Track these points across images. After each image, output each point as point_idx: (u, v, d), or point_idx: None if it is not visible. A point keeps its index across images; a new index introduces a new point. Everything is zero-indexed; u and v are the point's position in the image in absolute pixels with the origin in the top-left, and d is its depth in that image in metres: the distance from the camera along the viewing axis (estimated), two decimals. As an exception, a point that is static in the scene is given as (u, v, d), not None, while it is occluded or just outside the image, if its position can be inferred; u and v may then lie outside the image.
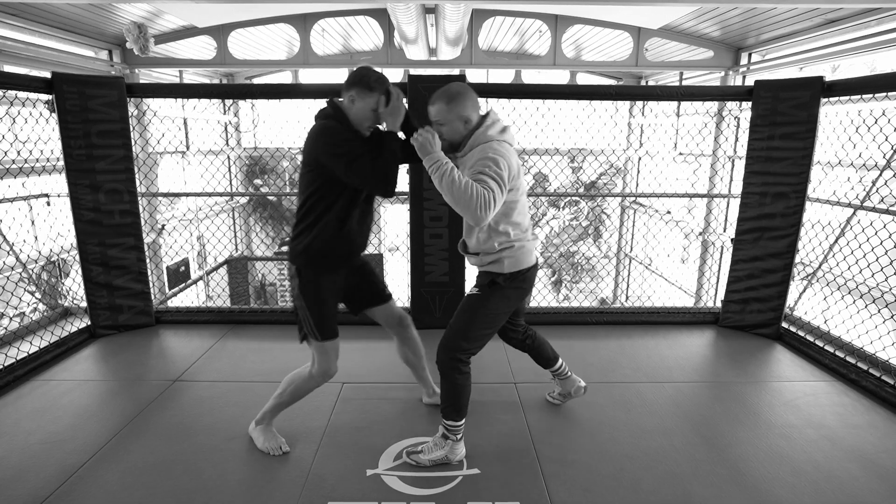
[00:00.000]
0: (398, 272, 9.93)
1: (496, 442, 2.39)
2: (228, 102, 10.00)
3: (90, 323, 3.54)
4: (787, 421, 2.57)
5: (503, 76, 9.43)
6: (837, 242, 3.39)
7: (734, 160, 7.08)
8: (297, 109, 9.47)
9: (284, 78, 9.76)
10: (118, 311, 3.59)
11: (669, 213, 8.70)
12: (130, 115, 3.46)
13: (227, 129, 10.22)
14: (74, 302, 3.91)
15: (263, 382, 2.92)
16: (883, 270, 3.02)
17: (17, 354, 3.03)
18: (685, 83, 7.97)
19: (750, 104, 3.46)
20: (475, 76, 8.35)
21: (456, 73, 7.77)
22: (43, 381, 2.94)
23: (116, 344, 3.44)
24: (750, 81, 6.23)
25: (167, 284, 7.87)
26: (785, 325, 3.61)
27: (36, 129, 3.38)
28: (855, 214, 3.33)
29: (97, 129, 3.34)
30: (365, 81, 2.04)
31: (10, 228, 3.50)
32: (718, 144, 7.33)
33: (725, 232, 7.13)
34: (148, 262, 3.70)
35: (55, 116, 3.27)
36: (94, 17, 5.71)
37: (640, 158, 10.22)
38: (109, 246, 3.50)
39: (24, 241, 3.95)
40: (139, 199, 3.55)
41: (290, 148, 10.15)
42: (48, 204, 4.12)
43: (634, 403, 2.73)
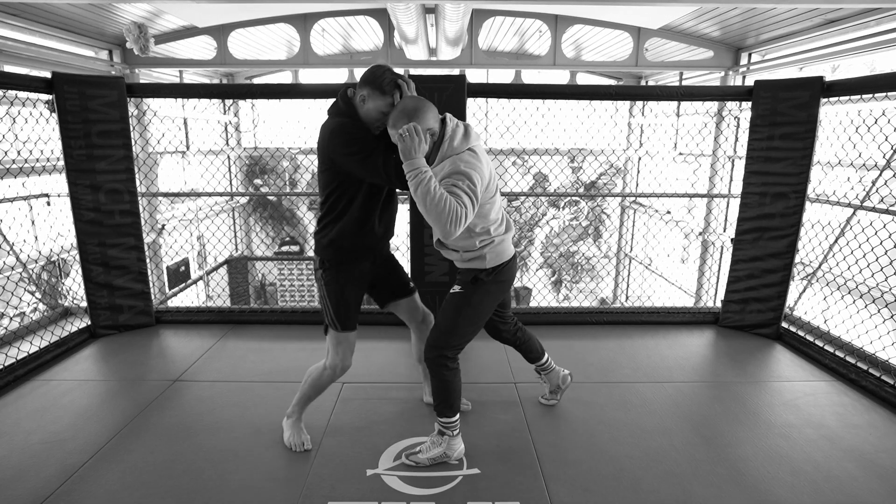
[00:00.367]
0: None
1: (496, 442, 2.39)
2: (228, 102, 10.01)
3: (90, 323, 3.55)
4: (786, 421, 2.57)
5: (503, 76, 9.43)
6: (837, 242, 3.39)
7: (734, 160, 7.08)
8: (297, 109, 9.49)
9: (284, 78, 9.77)
10: (118, 311, 3.59)
11: (669, 213, 8.71)
12: (130, 115, 3.46)
13: (227, 129, 10.23)
14: (74, 302, 3.91)
15: (263, 382, 2.92)
16: (883, 270, 3.02)
17: (17, 354, 3.03)
18: (685, 83, 7.97)
19: (750, 104, 3.46)
20: (475, 76, 8.35)
21: (456, 73, 7.77)
22: (43, 381, 2.94)
23: (116, 344, 3.44)
24: (750, 81, 6.22)
25: (167, 284, 7.88)
26: (785, 325, 3.61)
27: (36, 129, 3.38)
28: (855, 214, 3.33)
29: (97, 129, 3.34)
30: (378, 83, 1.99)
31: (10, 228, 3.50)
32: (718, 144, 7.34)
33: (725, 232, 7.13)
34: (148, 262, 3.70)
35: (55, 116, 3.27)
36: (94, 17, 5.72)
37: (640, 158, 10.23)
38: (109, 246, 3.50)
39: (24, 241, 3.95)
40: (139, 199, 3.56)
41: (290, 148, 10.15)
42: (48, 204, 4.13)
43: (634, 403, 2.73)
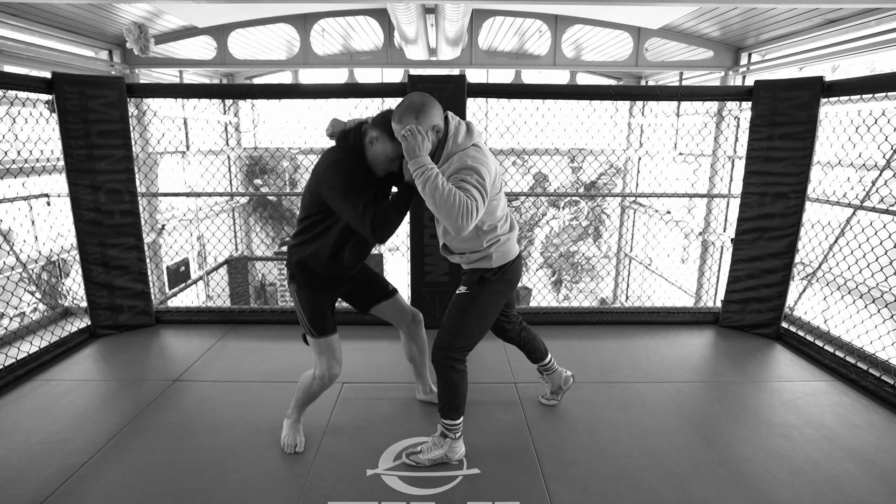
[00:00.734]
0: (398, 272, 9.93)
1: (496, 442, 2.39)
2: (228, 102, 10.01)
3: (90, 323, 3.55)
4: (786, 421, 2.57)
5: (503, 76, 9.43)
6: (837, 242, 3.39)
7: (734, 160, 7.08)
8: (297, 109, 9.49)
9: (284, 78, 9.77)
10: (118, 310, 3.59)
11: (669, 213, 8.71)
12: (130, 115, 3.46)
13: (227, 129, 10.22)
14: (74, 302, 3.91)
15: (263, 382, 2.92)
16: (883, 270, 3.02)
17: (17, 354, 3.03)
18: (685, 83, 7.97)
19: (750, 104, 3.46)
20: (475, 76, 8.35)
21: (456, 73, 7.77)
22: (43, 381, 2.94)
23: (116, 344, 3.44)
24: (750, 81, 6.23)
25: (167, 284, 7.88)
26: (785, 325, 3.61)
27: (36, 129, 3.38)
28: (855, 214, 3.33)
29: (97, 129, 3.34)
30: (389, 128, 1.96)
31: (10, 228, 3.50)
32: (718, 144, 7.33)
33: (725, 232, 7.13)
34: (148, 262, 3.70)
35: (55, 116, 3.27)
36: (94, 17, 5.71)
37: (640, 158, 10.22)
38: (109, 246, 3.50)
39: (24, 241, 3.95)
40: (139, 199, 3.56)
41: (290, 148, 10.15)
42: (48, 204, 4.13)
43: (634, 403, 2.73)
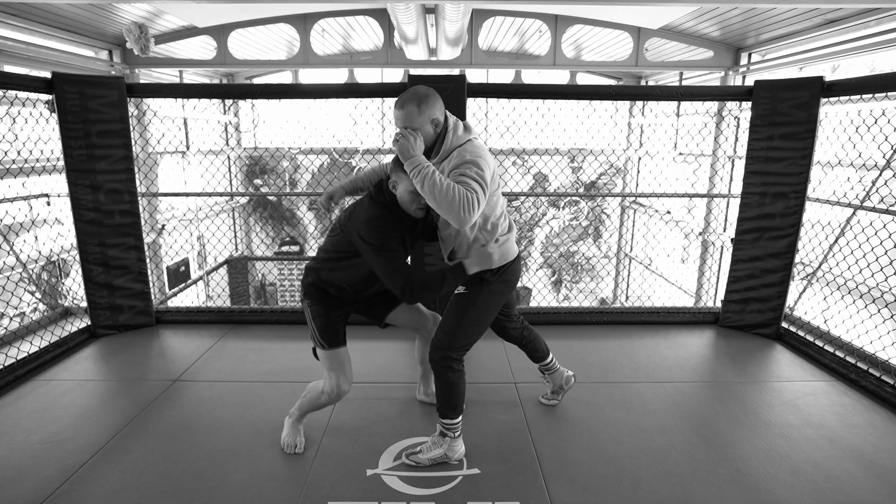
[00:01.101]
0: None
1: (496, 442, 2.39)
2: (228, 102, 10.01)
3: (90, 323, 3.55)
4: (786, 421, 2.57)
5: (503, 76, 9.44)
6: (837, 242, 3.39)
7: (734, 160, 7.08)
8: (297, 109, 9.49)
9: (284, 78, 9.77)
10: (118, 310, 3.59)
11: (669, 213, 8.71)
12: (130, 115, 3.46)
13: (227, 129, 10.22)
14: (74, 302, 3.91)
15: (263, 382, 2.92)
16: (883, 270, 3.02)
17: (17, 354, 3.03)
18: (685, 83, 7.97)
19: (750, 104, 3.46)
20: (475, 76, 8.35)
21: (456, 73, 7.77)
22: (43, 381, 2.94)
23: (116, 344, 3.44)
24: (750, 81, 6.24)
25: (167, 284, 7.88)
26: (785, 325, 3.61)
27: (36, 129, 3.38)
28: (855, 214, 3.33)
29: (97, 129, 3.34)
30: (402, 166, 1.97)
31: (10, 228, 3.50)
32: (718, 144, 7.34)
33: (725, 232, 7.13)
34: (148, 262, 3.70)
35: (55, 116, 3.27)
36: (94, 17, 5.71)
37: (640, 158, 10.23)
38: (109, 246, 3.50)
39: (24, 241, 3.95)
40: (139, 199, 3.56)
41: (290, 148, 10.15)
42: (48, 204, 4.13)
43: (634, 403, 2.73)
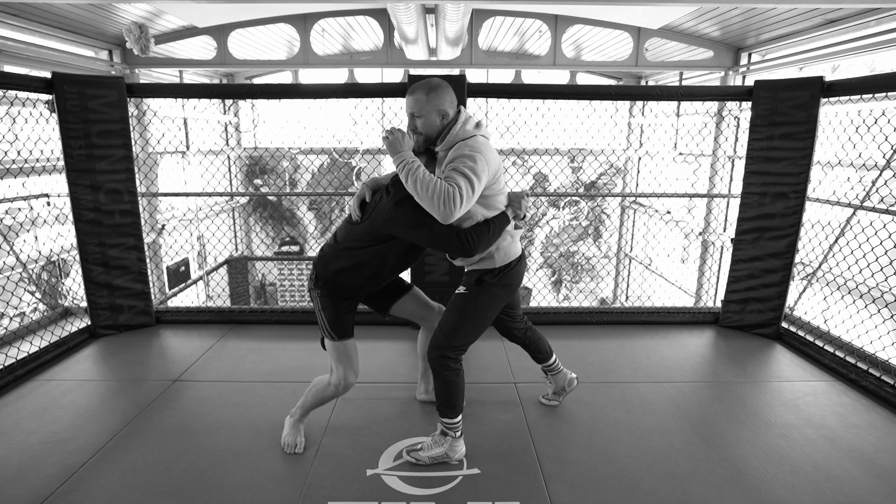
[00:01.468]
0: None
1: (496, 442, 2.39)
2: (228, 102, 10.01)
3: (90, 323, 3.55)
4: (786, 421, 2.57)
5: (503, 76, 9.43)
6: (837, 242, 3.39)
7: (734, 160, 7.08)
8: (297, 109, 9.48)
9: (284, 78, 9.77)
10: (118, 310, 3.59)
11: (669, 213, 8.71)
12: (130, 115, 3.46)
13: (227, 129, 10.22)
14: (74, 302, 3.91)
15: (263, 382, 2.92)
16: (883, 270, 3.02)
17: (17, 354, 3.03)
18: (685, 83, 7.97)
19: (750, 104, 3.46)
20: (475, 76, 8.35)
21: (456, 73, 7.77)
22: (43, 381, 2.94)
23: (116, 344, 3.44)
24: (750, 81, 6.23)
25: (167, 284, 7.88)
26: (785, 325, 3.61)
27: (36, 129, 3.38)
28: (855, 214, 3.33)
29: (97, 129, 3.34)
30: (429, 154, 2.09)
31: (10, 228, 3.50)
32: (718, 144, 7.34)
33: (725, 232, 7.13)
34: (148, 262, 3.70)
35: (55, 116, 3.27)
36: (94, 17, 5.71)
37: (640, 158, 10.22)
38: (109, 246, 3.50)
39: (24, 241, 3.95)
40: (139, 199, 3.56)
41: (290, 148, 10.14)
42: (48, 204, 4.12)
43: (634, 403, 2.73)
